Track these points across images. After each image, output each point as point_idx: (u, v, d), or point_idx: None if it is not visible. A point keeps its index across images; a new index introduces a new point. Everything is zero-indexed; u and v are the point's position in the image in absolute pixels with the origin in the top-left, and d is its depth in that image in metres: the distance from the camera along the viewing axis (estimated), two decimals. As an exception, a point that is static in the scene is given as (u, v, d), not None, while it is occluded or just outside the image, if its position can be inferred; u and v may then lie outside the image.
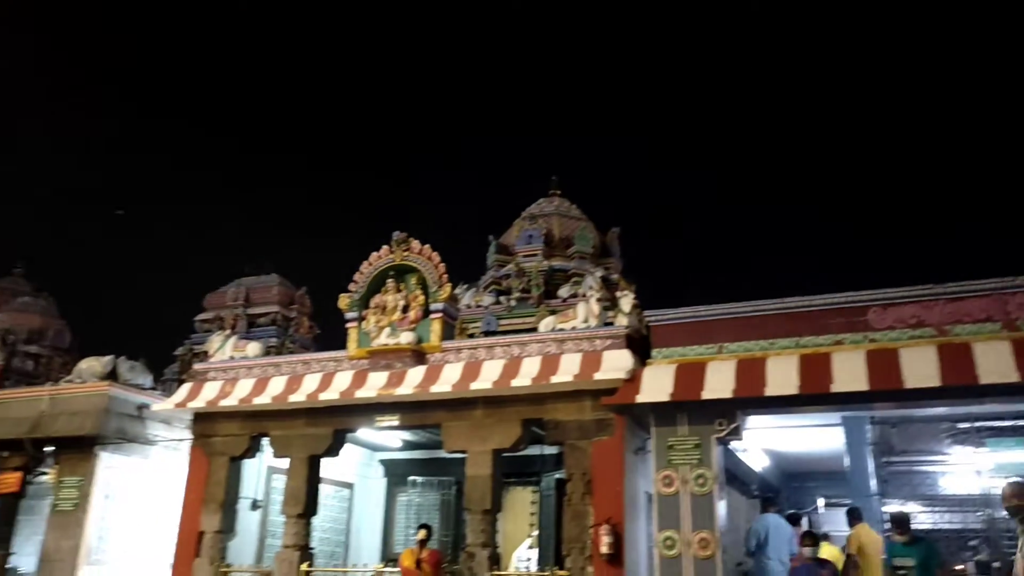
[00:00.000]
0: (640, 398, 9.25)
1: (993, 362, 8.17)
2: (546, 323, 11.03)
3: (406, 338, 11.15)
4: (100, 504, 12.77)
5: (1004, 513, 11.30)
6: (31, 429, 12.99)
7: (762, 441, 11.84)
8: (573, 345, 10.34)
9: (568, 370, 9.97)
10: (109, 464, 12.96)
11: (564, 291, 14.31)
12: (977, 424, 9.96)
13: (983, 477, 10.97)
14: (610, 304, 11.14)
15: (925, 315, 8.86)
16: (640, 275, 15.07)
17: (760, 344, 9.38)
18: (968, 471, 11.14)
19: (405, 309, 11.45)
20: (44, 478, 13.40)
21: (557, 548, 11.45)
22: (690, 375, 9.32)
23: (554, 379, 9.91)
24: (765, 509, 10.39)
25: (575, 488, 9.82)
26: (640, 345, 10.21)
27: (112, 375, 13.49)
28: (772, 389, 8.79)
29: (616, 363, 9.81)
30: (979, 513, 11.38)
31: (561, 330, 10.58)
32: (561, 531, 10.37)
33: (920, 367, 8.41)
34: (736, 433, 9.21)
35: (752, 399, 8.92)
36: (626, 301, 10.52)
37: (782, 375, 8.90)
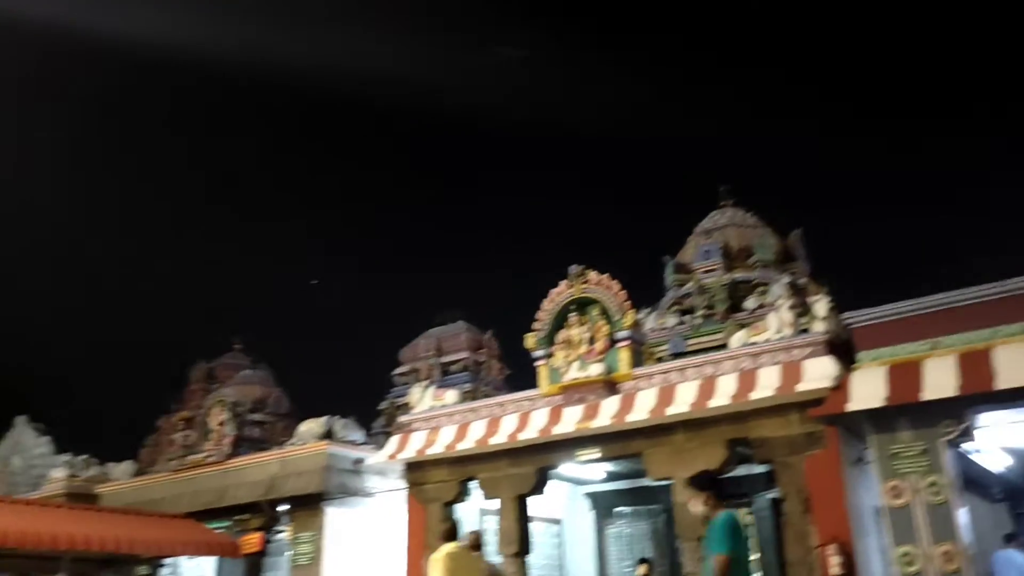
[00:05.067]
0: (852, 406, 8.71)
1: None
2: (737, 338, 10.68)
3: (596, 370, 11.17)
4: (333, 556, 13.65)
5: None
6: (266, 491, 14.17)
7: (1000, 439, 10.74)
8: (769, 358, 9.94)
9: (768, 384, 9.58)
10: (336, 517, 13.86)
11: (751, 303, 13.82)
12: None
13: None
14: (803, 311, 10.63)
15: None
16: (831, 276, 14.24)
17: (982, 334, 8.58)
18: None
19: (591, 341, 11.50)
20: (281, 535, 14.54)
21: (781, 571, 10.91)
22: (905, 376, 8.67)
23: (754, 395, 9.56)
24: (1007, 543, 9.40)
25: (793, 507, 9.36)
26: (842, 350, 9.64)
27: (328, 434, 14.47)
28: (1004, 381, 7.99)
29: (819, 371, 9.32)
30: None
31: (754, 344, 10.21)
32: (782, 553, 9.90)
33: None
34: (967, 434, 8.45)
35: (982, 395, 8.15)
36: (820, 305, 9.99)
37: (1014, 365, 8.08)
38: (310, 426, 14.74)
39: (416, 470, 12.59)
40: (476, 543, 8.22)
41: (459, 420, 12.39)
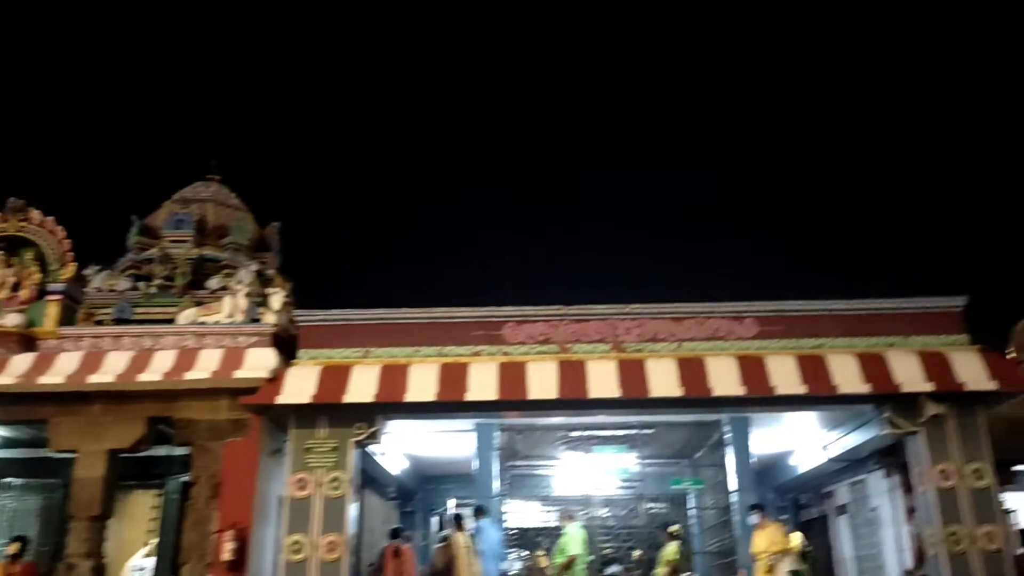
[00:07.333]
0: (280, 399, 9.00)
1: (601, 378, 9.25)
2: (186, 315, 10.29)
3: (13, 320, 9.73)
4: None
5: (603, 511, 12.92)
6: None
7: (402, 445, 12.17)
8: (214, 340, 9.78)
9: (206, 367, 9.39)
10: None
11: (214, 283, 13.40)
12: (586, 433, 11.22)
13: (588, 479, 12.42)
14: (260, 301, 10.71)
15: (551, 333, 9.78)
16: (300, 275, 14.65)
17: (405, 350, 9.64)
18: (577, 474, 12.54)
19: (16, 287, 9.96)
20: None
21: (175, 554, 10.67)
22: (334, 378, 9.28)
23: (188, 375, 9.28)
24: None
25: (200, 492, 9.24)
26: (288, 345, 9.95)
27: None
28: (412, 395, 9.07)
29: (259, 362, 9.46)
30: (582, 512, 12.84)
31: (202, 324, 9.94)
32: (181, 538, 9.69)
33: (543, 380, 9.25)
34: (375, 437, 9.35)
35: (392, 404, 9.13)
36: (276, 298, 10.21)
37: (423, 382, 9.23)
38: None
39: None
40: None
41: None
